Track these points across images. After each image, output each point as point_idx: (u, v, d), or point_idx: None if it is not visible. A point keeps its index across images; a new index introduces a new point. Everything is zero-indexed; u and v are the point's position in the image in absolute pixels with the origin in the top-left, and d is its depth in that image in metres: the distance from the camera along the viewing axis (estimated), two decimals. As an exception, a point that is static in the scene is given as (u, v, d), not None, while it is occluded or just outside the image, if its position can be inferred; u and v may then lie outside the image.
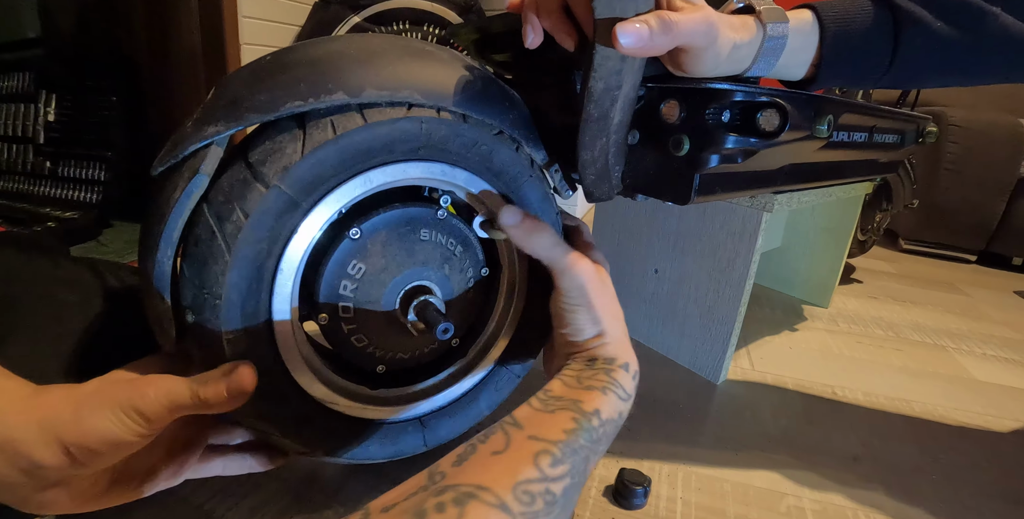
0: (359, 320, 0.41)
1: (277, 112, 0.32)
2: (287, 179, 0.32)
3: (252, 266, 0.33)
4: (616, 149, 0.40)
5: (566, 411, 0.32)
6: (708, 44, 0.36)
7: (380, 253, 0.41)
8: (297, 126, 0.33)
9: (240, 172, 0.32)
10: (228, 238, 0.32)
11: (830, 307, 1.10)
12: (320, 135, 0.33)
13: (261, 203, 0.32)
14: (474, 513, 0.24)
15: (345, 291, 0.40)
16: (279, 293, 0.36)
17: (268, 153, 0.32)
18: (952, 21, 0.44)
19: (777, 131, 0.39)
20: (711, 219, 0.72)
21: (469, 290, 0.47)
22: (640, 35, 0.32)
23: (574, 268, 0.39)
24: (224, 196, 0.32)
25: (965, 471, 0.61)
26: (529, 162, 0.43)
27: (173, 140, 0.32)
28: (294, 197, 0.33)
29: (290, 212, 0.34)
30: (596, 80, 0.34)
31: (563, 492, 0.29)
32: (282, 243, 0.35)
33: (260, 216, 0.32)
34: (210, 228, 0.32)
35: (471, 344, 0.51)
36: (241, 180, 0.32)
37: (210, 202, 0.32)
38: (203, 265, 0.32)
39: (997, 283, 1.49)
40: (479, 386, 0.50)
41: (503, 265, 0.49)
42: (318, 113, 0.33)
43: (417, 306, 0.42)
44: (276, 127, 0.33)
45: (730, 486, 0.54)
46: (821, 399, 0.74)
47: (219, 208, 0.32)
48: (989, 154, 1.58)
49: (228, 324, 0.33)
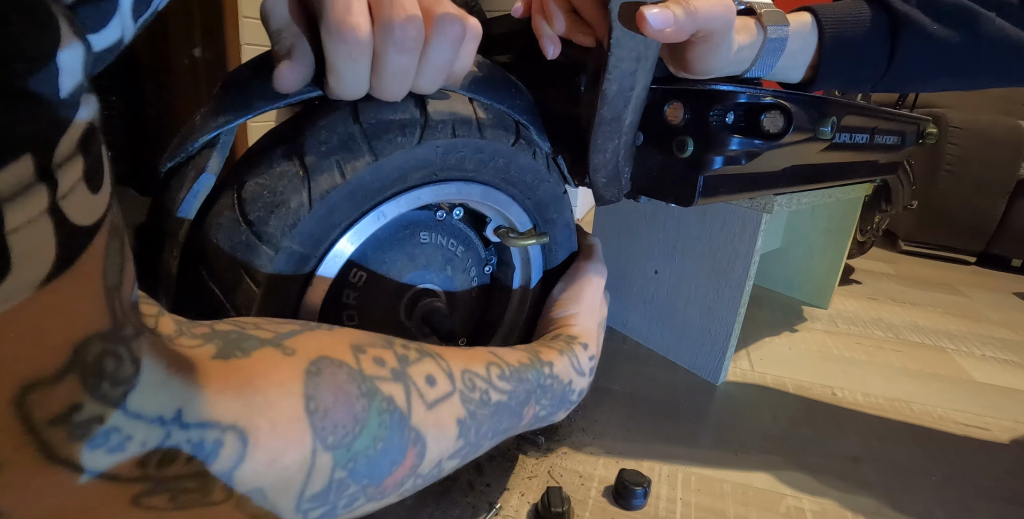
0: (362, 326, 0.41)
1: (287, 98, 0.31)
2: (296, 236, 0.29)
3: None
4: (626, 151, 0.40)
5: (524, 352, 0.36)
6: (726, 29, 0.37)
7: (381, 260, 0.40)
8: (299, 166, 0.30)
9: (239, 233, 0.29)
10: (240, 308, 0.29)
11: (829, 308, 1.10)
12: (327, 180, 0.29)
13: (272, 266, 0.29)
14: (427, 366, 0.28)
15: (348, 299, 0.40)
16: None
17: (270, 208, 0.29)
18: (948, 24, 0.44)
19: (781, 133, 0.39)
20: (711, 220, 0.72)
21: (473, 289, 0.47)
22: (666, 17, 0.33)
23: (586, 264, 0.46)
24: (226, 261, 0.28)
25: (964, 472, 0.61)
26: (545, 164, 0.42)
27: (182, 134, 0.32)
28: (305, 252, 0.31)
29: (302, 267, 0.31)
30: (610, 82, 0.35)
31: (495, 408, 0.31)
32: (295, 300, 0.32)
33: (272, 280, 0.30)
34: (218, 301, 0.28)
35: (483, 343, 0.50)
36: (243, 243, 0.29)
37: (209, 266, 0.29)
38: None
39: (996, 284, 1.49)
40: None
41: (515, 269, 0.48)
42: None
43: (420, 310, 0.42)
44: (271, 169, 0.30)
45: (730, 487, 0.54)
46: (821, 400, 0.74)
47: (223, 274, 0.28)
48: (988, 155, 1.58)
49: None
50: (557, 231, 0.46)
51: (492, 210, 0.42)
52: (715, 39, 0.37)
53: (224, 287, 0.28)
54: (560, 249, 0.48)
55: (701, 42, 0.37)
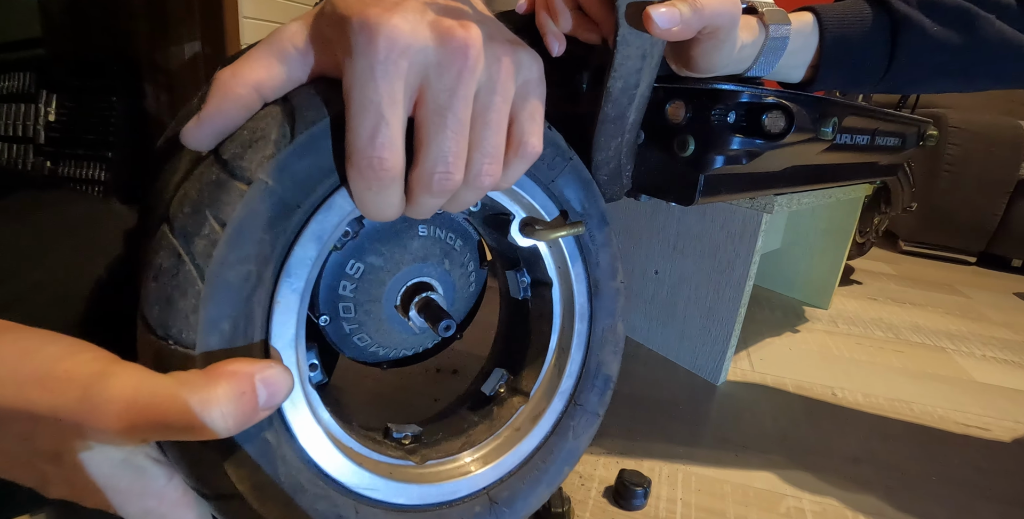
0: (360, 320, 0.41)
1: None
2: (274, 171, 0.24)
3: (236, 297, 0.24)
4: (628, 149, 0.40)
5: None
6: (732, 26, 0.37)
7: (378, 252, 0.40)
8: (283, 108, 0.25)
9: (210, 173, 0.24)
10: (198, 259, 0.23)
11: (830, 308, 1.10)
12: (314, 114, 0.24)
13: (242, 206, 0.23)
14: None
15: (345, 291, 0.40)
16: (279, 335, 0.26)
17: (246, 144, 0.24)
18: (949, 26, 0.44)
19: (783, 133, 0.39)
20: (711, 220, 0.72)
21: (472, 284, 0.46)
22: (672, 16, 0.33)
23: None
24: (191, 206, 0.23)
25: (965, 472, 0.61)
26: (565, 143, 0.36)
27: (179, 119, 0.31)
28: (286, 195, 0.25)
29: (284, 217, 0.25)
30: (615, 79, 0.34)
31: None
32: (275, 264, 0.25)
33: (243, 224, 0.23)
34: (174, 250, 0.23)
35: (529, 382, 0.42)
36: (213, 182, 0.23)
37: (172, 219, 0.23)
38: (167, 303, 0.23)
39: (997, 285, 1.49)
40: (552, 435, 0.40)
41: (553, 279, 0.41)
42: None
43: (419, 303, 0.41)
44: (256, 116, 0.25)
45: (730, 487, 0.54)
46: (821, 400, 0.74)
47: (184, 221, 0.23)
48: (989, 156, 1.58)
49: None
50: (593, 227, 0.39)
51: (511, 197, 0.37)
52: (720, 36, 0.37)
53: (185, 236, 0.23)
54: (603, 252, 0.40)
55: (706, 39, 0.37)
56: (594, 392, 0.42)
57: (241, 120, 0.24)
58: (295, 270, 0.26)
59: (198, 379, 0.20)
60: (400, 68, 0.22)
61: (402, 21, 0.21)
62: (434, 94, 0.23)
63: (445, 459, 0.37)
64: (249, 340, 0.24)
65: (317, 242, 0.27)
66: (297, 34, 0.24)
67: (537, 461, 0.39)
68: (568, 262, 0.40)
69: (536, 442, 0.39)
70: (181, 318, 0.23)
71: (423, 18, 0.22)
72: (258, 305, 0.25)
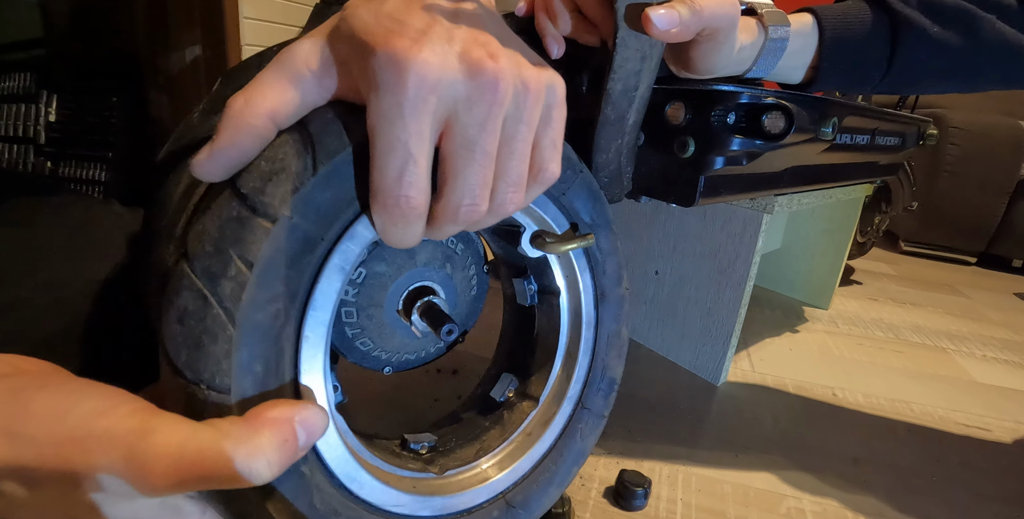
0: (363, 324, 0.41)
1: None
2: (298, 206, 0.23)
3: (266, 338, 0.23)
4: (628, 150, 0.40)
5: None
6: (731, 28, 0.37)
7: (380, 257, 0.40)
8: (301, 136, 0.24)
9: (230, 208, 0.23)
10: (227, 302, 0.22)
11: (830, 309, 1.10)
12: (334, 142, 0.24)
13: (268, 245, 0.22)
14: None
15: (347, 295, 0.40)
16: (308, 369, 0.26)
17: (266, 178, 0.23)
18: (949, 27, 0.44)
19: (782, 133, 0.39)
20: (711, 221, 0.72)
21: (473, 287, 0.46)
22: (671, 18, 0.33)
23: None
24: (212, 244, 0.22)
25: (965, 473, 0.61)
26: (575, 155, 0.36)
27: (179, 131, 0.31)
28: (310, 230, 0.24)
29: (308, 251, 0.24)
30: (615, 81, 0.34)
31: None
32: (301, 299, 0.25)
33: (270, 263, 0.23)
34: (199, 292, 0.22)
35: (538, 388, 0.42)
36: (234, 218, 0.22)
37: (192, 258, 0.22)
38: (196, 348, 0.22)
39: (997, 285, 1.49)
40: (561, 438, 0.41)
41: (561, 288, 0.41)
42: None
43: (421, 307, 0.42)
44: (273, 144, 0.24)
45: (730, 488, 0.54)
46: (821, 401, 0.74)
47: (208, 261, 0.22)
48: (989, 156, 1.58)
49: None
50: (601, 236, 0.39)
51: (523, 210, 0.37)
52: (719, 37, 0.37)
53: (210, 277, 0.22)
54: (609, 261, 0.41)
55: (705, 41, 0.37)
56: (600, 395, 0.42)
57: (256, 152, 0.23)
58: (321, 303, 0.26)
59: (241, 431, 0.20)
60: (429, 104, 0.21)
61: (431, 55, 0.21)
62: (462, 128, 0.22)
63: (463, 468, 0.37)
64: (281, 380, 0.24)
65: (340, 273, 0.27)
66: (311, 55, 0.23)
67: (548, 463, 0.40)
68: (576, 271, 0.40)
69: (547, 445, 0.40)
70: (213, 363, 0.22)
71: (451, 49, 0.21)
72: (287, 342, 0.24)
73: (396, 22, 0.21)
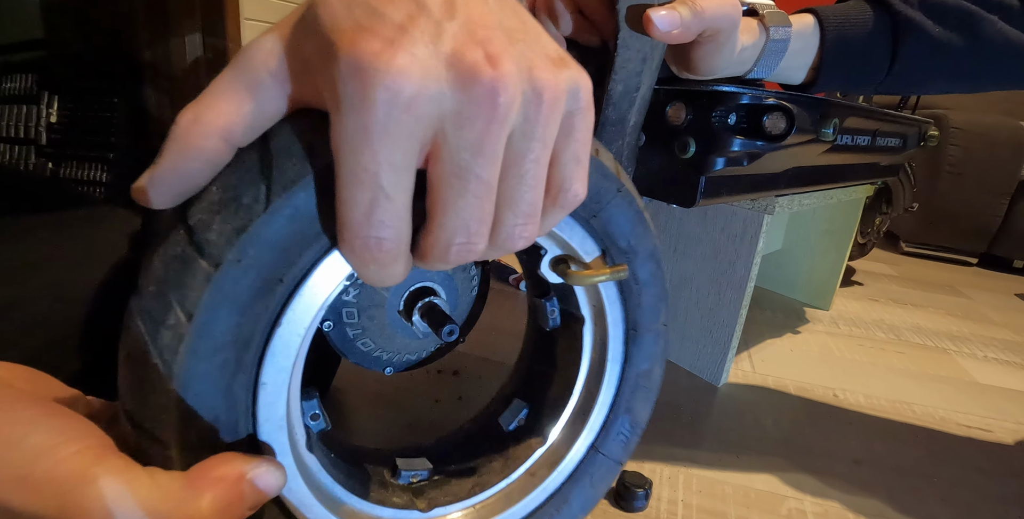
0: (364, 324, 0.41)
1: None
2: (245, 247, 0.20)
3: (213, 390, 0.21)
4: (629, 151, 0.40)
5: None
6: (732, 28, 0.37)
7: None
8: (260, 158, 0.20)
9: (176, 243, 0.20)
10: (166, 354, 0.19)
11: (831, 310, 1.10)
12: (294, 167, 0.19)
13: (211, 292, 0.19)
14: None
15: (348, 296, 0.40)
16: (267, 418, 0.23)
17: (214, 209, 0.19)
18: (950, 27, 0.44)
19: (783, 134, 0.39)
20: (712, 222, 0.72)
21: (474, 287, 0.46)
22: (672, 19, 0.33)
23: None
24: (156, 284, 0.20)
25: (967, 474, 0.61)
26: (615, 169, 0.30)
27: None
28: (263, 271, 0.20)
29: (264, 295, 0.21)
30: (616, 82, 0.34)
31: None
32: (258, 344, 0.22)
33: (213, 313, 0.20)
34: (141, 338, 0.19)
35: (550, 424, 0.38)
36: (178, 257, 0.19)
37: (140, 294, 0.20)
38: (139, 396, 0.20)
39: (998, 286, 1.49)
40: (568, 482, 0.37)
41: (586, 317, 0.37)
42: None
43: (422, 308, 0.42)
44: (230, 164, 0.20)
45: (731, 489, 0.54)
46: (822, 402, 0.74)
47: (149, 304, 0.20)
48: (990, 157, 1.58)
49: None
50: (638, 265, 0.34)
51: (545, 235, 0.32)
52: (721, 38, 0.37)
53: (151, 321, 0.19)
54: (646, 292, 0.35)
55: (707, 41, 0.37)
56: (618, 440, 0.38)
57: (206, 177, 0.20)
58: (281, 350, 0.23)
59: (180, 492, 0.18)
60: (403, 126, 0.17)
61: (409, 61, 0.16)
62: (452, 152, 0.18)
63: (453, 506, 0.34)
64: (235, 432, 0.22)
65: (306, 313, 0.23)
66: (271, 55, 0.19)
67: (550, 509, 0.36)
68: (604, 302, 0.35)
69: (551, 490, 0.37)
70: (154, 413, 0.20)
71: (437, 50, 0.17)
72: (241, 390, 0.22)
73: (370, 13, 0.16)
